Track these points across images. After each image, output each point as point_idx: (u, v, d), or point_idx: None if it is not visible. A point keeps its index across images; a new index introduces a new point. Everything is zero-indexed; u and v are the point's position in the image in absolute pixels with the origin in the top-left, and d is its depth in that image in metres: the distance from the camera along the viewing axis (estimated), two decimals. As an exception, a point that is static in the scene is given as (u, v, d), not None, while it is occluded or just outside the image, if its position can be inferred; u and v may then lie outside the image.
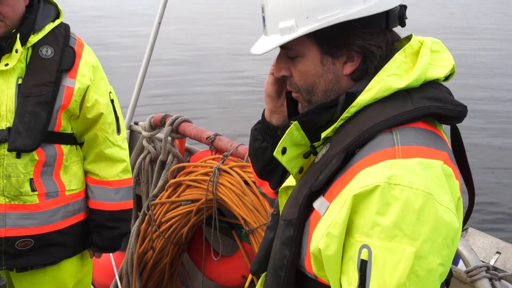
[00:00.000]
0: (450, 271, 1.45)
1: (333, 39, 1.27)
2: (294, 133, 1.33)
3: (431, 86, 1.26)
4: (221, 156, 3.05)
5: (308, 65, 1.30)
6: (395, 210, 1.09)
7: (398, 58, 1.27)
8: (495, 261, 2.58)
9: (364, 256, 1.12)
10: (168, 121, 3.35)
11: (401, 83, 1.23)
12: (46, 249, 2.39)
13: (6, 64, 2.24)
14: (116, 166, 2.48)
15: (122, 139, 2.50)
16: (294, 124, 1.32)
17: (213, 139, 3.17)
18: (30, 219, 2.33)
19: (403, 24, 1.32)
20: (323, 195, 1.24)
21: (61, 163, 2.38)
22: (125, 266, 3.33)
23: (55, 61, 2.28)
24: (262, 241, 1.49)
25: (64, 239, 2.42)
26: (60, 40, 2.32)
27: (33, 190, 2.31)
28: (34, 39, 2.27)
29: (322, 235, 1.18)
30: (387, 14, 1.27)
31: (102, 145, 2.43)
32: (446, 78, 1.32)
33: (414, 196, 1.10)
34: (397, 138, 1.18)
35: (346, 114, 1.26)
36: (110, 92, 2.44)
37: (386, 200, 1.10)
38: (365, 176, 1.14)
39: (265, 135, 1.54)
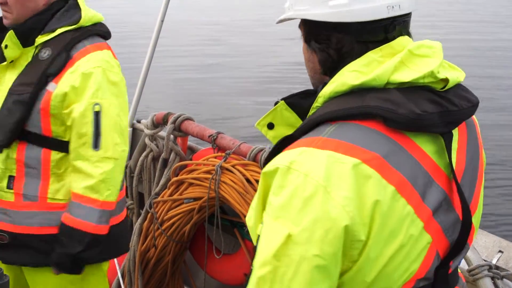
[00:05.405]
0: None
1: (308, 31, 1.34)
2: (284, 113, 1.39)
3: (405, 90, 1.22)
4: (223, 154, 3.06)
5: (303, 48, 1.38)
6: (286, 193, 1.14)
7: (370, 56, 1.26)
8: (497, 260, 2.57)
9: (259, 231, 1.19)
10: (171, 119, 3.35)
11: (357, 80, 1.23)
12: (25, 250, 2.35)
13: (11, 61, 2.28)
14: (82, 180, 2.28)
15: (100, 157, 2.28)
16: (282, 104, 1.38)
17: (215, 137, 3.18)
18: (4, 215, 2.33)
19: (387, 41, 1.27)
20: None
21: (49, 169, 2.32)
22: (127, 263, 3.33)
23: (45, 64, 2.25)
24: None
25: (44, 246, 2.34)
26: (63, 44, 2.27)
27: (9, 187, 2.31)
28: (40, 39, 2.27)
29: (250, 207, 1.27)
30: (361, 24, 1.25)
31: (71, 155, 2.30)
32: (445, 86, 1.27)
33: (307, 184, 1.13)
34: (330, 130, 1.20)
35: (316, 103, 1.30)
36: (96, 104, 2.26)
37: (281, 182, 1.15)
38: (278, 157, 1.20)
39: None
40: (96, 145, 2.27)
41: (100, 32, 2.40)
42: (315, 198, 1.12)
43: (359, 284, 1.18)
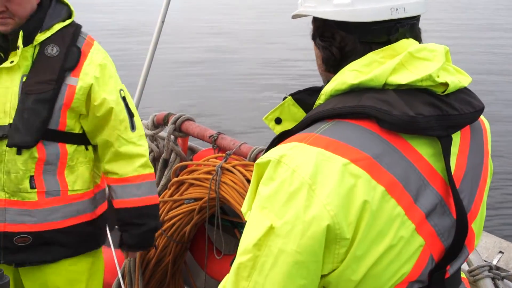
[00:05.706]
0: None
1: (316, 29, 1.35)
2: (291, 109, 1.40)
3: (403, 92, 1.21)
4: (224, 154, 3.06)
5: (314, 45, 1.39)
6: (273, 185, 1.16)
7: (371, 56, 1.26)
8: (498, 261, 2.57)
9: (247, 218, 1.23)
10: (171, 120, 3.35)
11: (356, 80, 1.23)
12: (45, 247, 2.39)
13: (12, 61, 2.27)
14: (133, 161, 2.45)
15: (138, 136, 2.47)
16: (289, 99, 1.40)
17: (216, 137, 3.18)
18: (28, 216, 2.34)
19: (390, 42, 1.27)
20: None
21: (65, 162, 2.38)
22: (127, 264, 3.33)
23: (59, 60, 2.29)
24: None
25: (65, 239, 2.42)
26: (67, 39, 2.32)
27: (32, 187, 2.32)
28: (41, 37, 2.29)
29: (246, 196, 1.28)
30: (364, 25, 1.26)
31: (116, 144, 2.41)
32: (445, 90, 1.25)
33: (293, 179, 1.14)
34: (324, 127, 1.20)
35: (319, 101, 1.30)
36: (121, 90, 2.42)
37: (271, 174, 1.18)
38: (272, 150, 1.22)
39: None
40: (133, 126, 2.46)
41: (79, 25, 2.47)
42: (299, 194, 1.13)
43: (346, 283, 1.18)
